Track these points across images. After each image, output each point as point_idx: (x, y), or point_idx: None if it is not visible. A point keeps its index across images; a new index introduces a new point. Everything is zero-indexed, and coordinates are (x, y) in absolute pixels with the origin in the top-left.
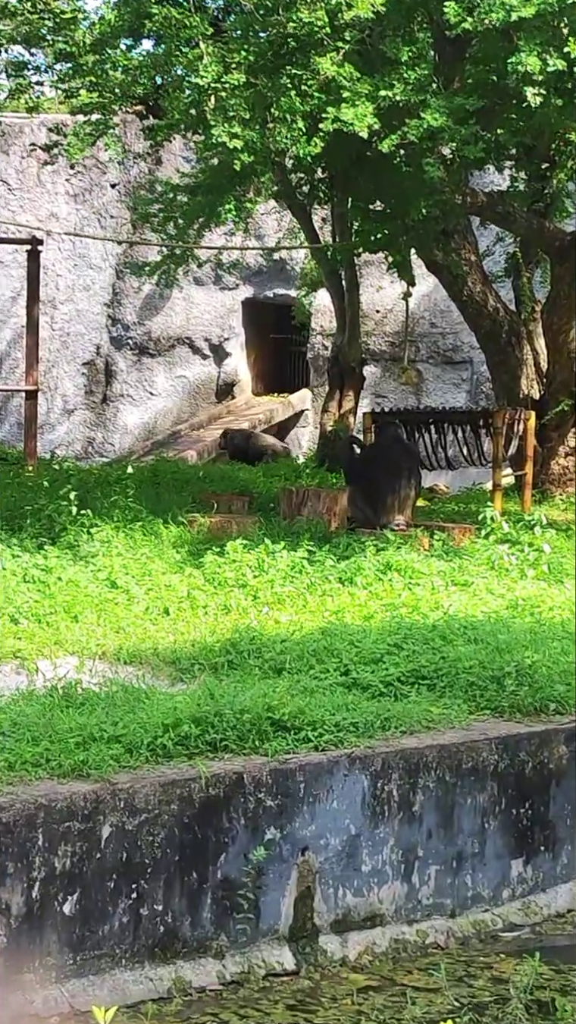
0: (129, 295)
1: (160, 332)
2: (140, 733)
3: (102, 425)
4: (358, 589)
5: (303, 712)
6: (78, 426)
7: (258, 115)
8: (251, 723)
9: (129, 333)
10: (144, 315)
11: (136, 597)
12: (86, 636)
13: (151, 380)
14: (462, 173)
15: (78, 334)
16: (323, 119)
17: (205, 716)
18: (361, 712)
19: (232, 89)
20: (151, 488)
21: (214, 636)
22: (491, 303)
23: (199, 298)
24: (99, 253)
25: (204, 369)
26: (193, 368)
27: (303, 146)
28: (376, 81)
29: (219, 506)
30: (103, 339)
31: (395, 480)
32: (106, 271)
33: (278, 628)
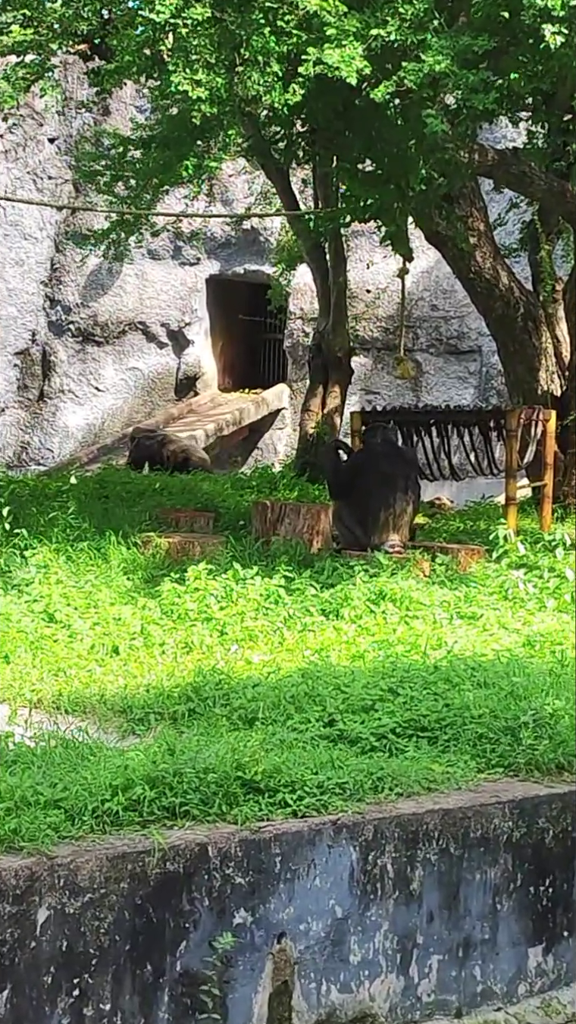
0: (71, 271)
1: (108, 316)
2: (84, 797)
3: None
4: (345, 623)
5: (279, 771)
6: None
7: (225, 57)
8: (217, 784)
9: (71, 317)
10: (89, 295)
11: (79, 633)
12: (18, 680)
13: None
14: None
15: (9, 318)
16: (303, 62)
17: (162, 776)
18: (349, 771)
19: (194, 26)
20: (97, 502)
21: (173, 680)
22: (504, 281)
23: (155, 275)
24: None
25: (161, 360)
26: (148, 359)
27: (279, 94)
28: (366, 17)
29: (179, 524)
30: (39, 324)
31: (389, 493)
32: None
33: (249, 670)
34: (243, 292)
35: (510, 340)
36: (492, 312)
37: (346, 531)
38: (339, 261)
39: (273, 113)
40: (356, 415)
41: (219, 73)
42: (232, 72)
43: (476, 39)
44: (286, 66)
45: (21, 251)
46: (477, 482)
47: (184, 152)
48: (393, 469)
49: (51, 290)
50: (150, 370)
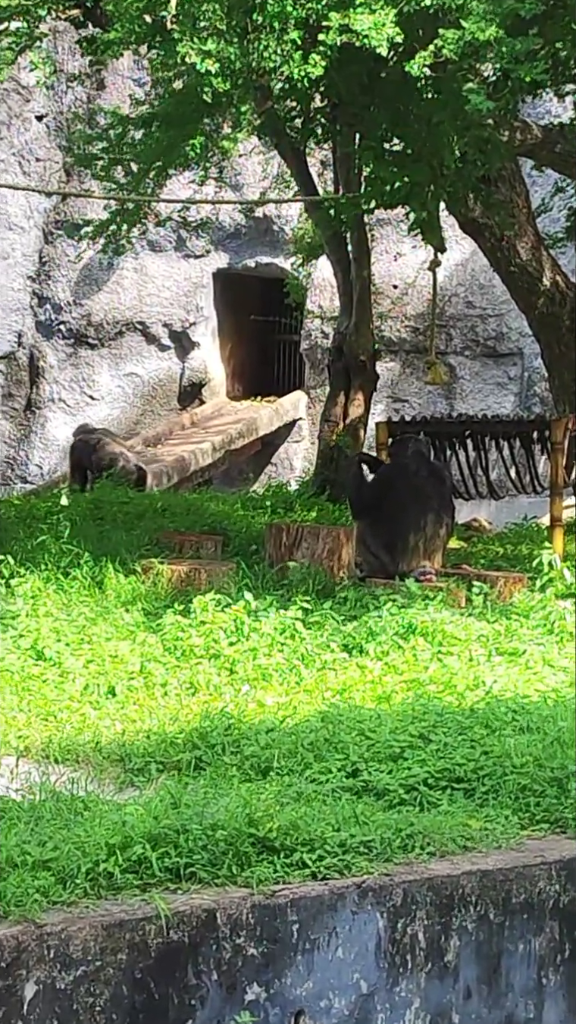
0: (62, 265)
1: (104, 315)
2: (77, 857)
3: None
4: (370, 660)
5: (297, 827)
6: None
7: (236, 23)
8: (227, 842)
9: (62, 316)
10: (82, 292)
11: (71, 672)
12: (3, 726)
13: (91, 379)
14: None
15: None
16: (324, 29)
17: (165, 833)
18: (375, 827)
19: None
20: (92, 525)
21: (176, 724)
22: (548, 275)
23: (156, 269)
24: (21, 208)
25: (163, 364)
26: (148, 363)
27: (297, 65)
28: None
29: (183, 549)
30: (26, 324)
31: (419, 514)
32: (30, 233)
33: (262, 713)
34: (255, 288)
35: (555, 341)
36: (535, 309)
37: (371, 557)
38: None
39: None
40: (382, 426)
41: (230, 42)
42: (244, 40)
43: (523, 3)
44: (305, 34)
45: (6, 243)
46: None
47: (190, 131)
48: (424, 487)
49: (39, 286)
50: (150, 376)
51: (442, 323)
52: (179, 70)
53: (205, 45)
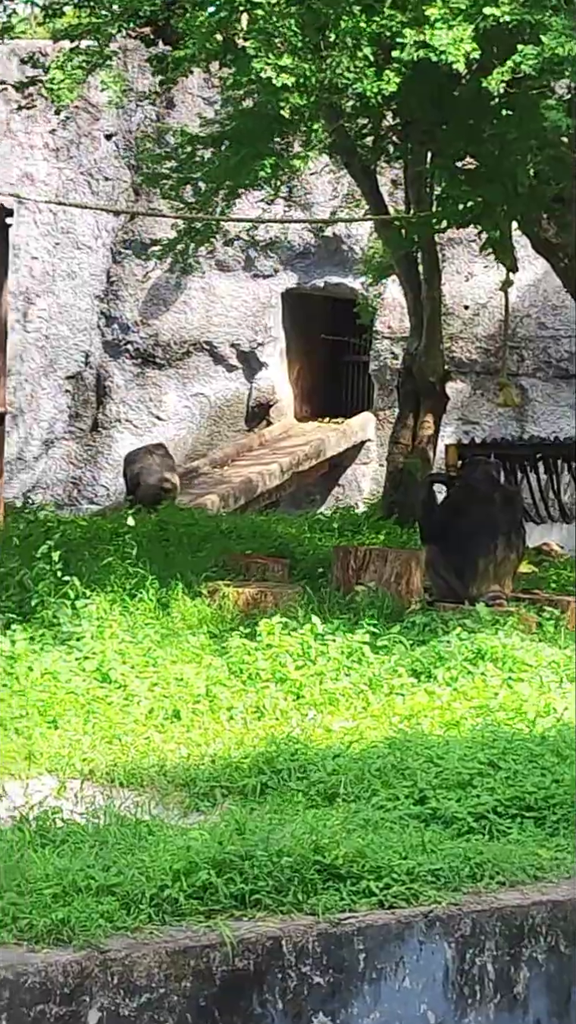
0: (129, 285)
1: (171, 335)
2: (141, 882)
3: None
4: (439, 685)
5: (363, 855)
6: (59, 462)
7: (310, 40)
8: (292, 869)
9: (129, 336)
10: (149, 312)
11: (136, 695)
12: (68, 748)
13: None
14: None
15: (60, 337)
16: (398, 45)
17: (230, 859)
18: (443, 855)
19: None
20: (158, 547)
21: (242, 749)
22: None
23: (224, 288)
24: (89, 228)
25: (230, 385)
26: (215, 383)
27: (371, 81)
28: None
29: (250, 571)
30: (94, 344)
31: (490, 537)
32: (98, 252)
33: (329, 739)
34: (323, 308)
35: None
36: None
37: (440, 580)
38: (433, 273)
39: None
40: (452, 448)
41: (305, 58)
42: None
43: None
44: (377, 50)
45: (73, 262)
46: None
47: (260, 150)
48: (494, 510)
49: (107, 306)
50: (217, 396)
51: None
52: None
53: (280, 60)
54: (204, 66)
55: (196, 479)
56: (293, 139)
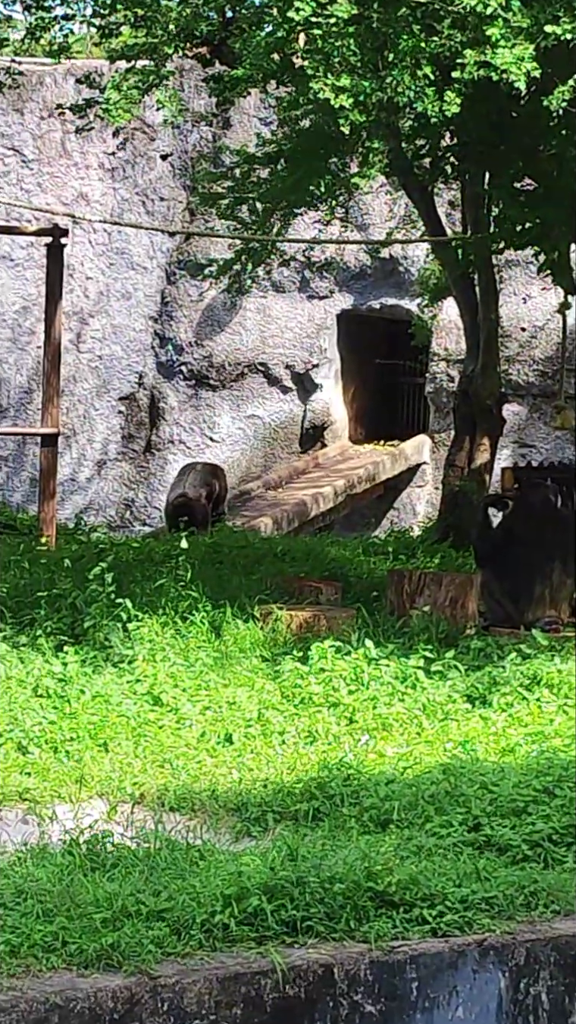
0: (183, 306)
1: (225, 356)
2: (191, 908)
3: (144, 482)
4: (494, 712)
5: (416, 882)
6: (112, 483)
7: (368, 59)
8: (345, 896)
9: (183, 357)
10: (203, 333)
11: (188, 718)
12: (119, 771)
13: (212, 421)
14: None
15: (113, 358)
16: (457, 65)
17: (282, 885)
18: (497, 883)
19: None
20: (211, 569)
21: (294, 774)
22: None
23: (279, 310)
24: (144, 248)
25: (284, 407)
26: (270, 405)
27: (431, 101)
28: (536, 13)
29: (303, 594)
30: (147, 365)
31: (546, 562)
32: (153, 273)
33: (382, 764)
34: (379, 330)
35: None
36: None
37: (496, 605)
38: (490, 294)
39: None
40: (508, 471)
41: (363, 76)
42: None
43: None
44: (435, 70)
45: (128, 282)
46: None
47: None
48: (551, 535)
49: (161, 327)
50: (272, 418)
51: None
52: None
53: (338, 81)
54: (261, 86)
55: (249, 501)
56: (350, 159)
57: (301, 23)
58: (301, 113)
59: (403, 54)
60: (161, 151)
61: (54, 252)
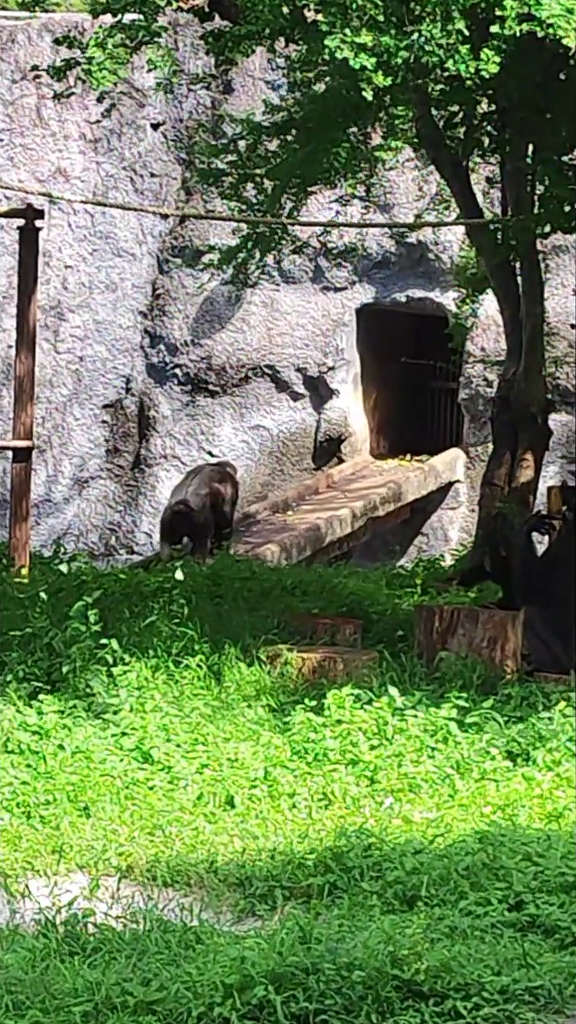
0: (178, 299)
1: (226, 357)
2: (187, 999)
3: (132, 503)
4: (539, 770)
5: (449, 969)
6: (95, 505)
7: (393, 12)
8: (365, 985)
9: (177, 359)
10: (202, 331)
11: (183, 778)
12: (102, 840)
13: (211, 432)
14: None
15: (96, 359)
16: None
17: (292, 973)
18: (543, 970)
19: None
20: (210, 604)
21: (306, 843)
22: None
23: (289, 304)
24: (132, 232)
25: (295, 416)
26: (278, 414)
27: (466, 60)
28: None
29: (316, 634)
30: (136, 368)
31: None
32: (142, 261)
33: (409, 831)
34: (406, 327)
35: None
36: None
37: (541, 646)
38: (535, 286)
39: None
40: (555, 491)
41: (387, 32)
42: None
43: None
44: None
45: (113, 272)
46: None
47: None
48: None
49: (152, 323)
50: (280, 429)
51: None
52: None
53: (359, 38)
54: (268, 44)
55: (254, 526)
56: (373, 129)
57: None
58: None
59: (433, 5)
60: (152, 119)
61: (28, 237)
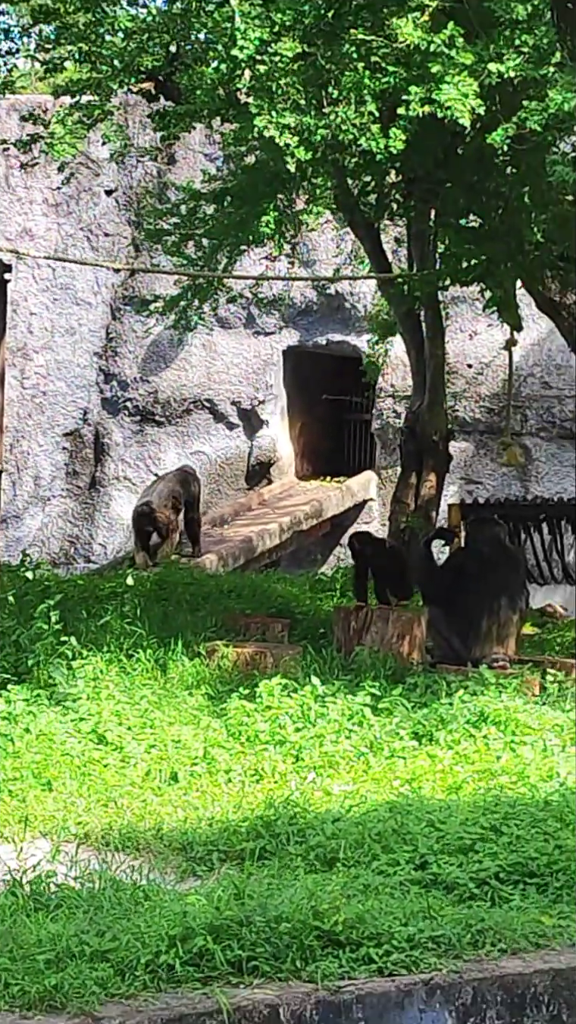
0: (128, 341)
1: (170, 392)
2: (136, 948)
3: (88, 518)
4: (441, 749)
5: (363, 921)
6: (55, 519)
7: (313, 96)
8: (291, 935)
9: (128, 393)
10: (148, 369)
11: (133, 757)
12: (62, 811)
13: (157, 457)
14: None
15: (57, 394)
16: (403, 102)
17: (227, 925)
18: (444, 922)
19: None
20: (157, 606)
21: (240, 812)
22: None
23: (225, 345)
24: (88, 284)
25: (230, 443)
26: (216, 441)
27: (376, 138)
28: (480, 50)
29: (249, 632)
30: (92, 401)
31: (493, 598)
32: (98, 308)
33: (329, 802)
34: (326, 366)
35: None
36: None
37: (443, 642)
38: (437, 331)
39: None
40: (454, 508)
41: (308, 114)
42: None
43: None
44: (380, 106)
45: (73, 318)
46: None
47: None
48: (498, 571)
49: (106, 363)
50: (218, 454)
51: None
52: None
53: (283, 118)
54: (206, 122)
55: None
56: (296, 195)
57: (245, 60)
58: (246, 149)
59: (347, 91)
60: (106, 187)
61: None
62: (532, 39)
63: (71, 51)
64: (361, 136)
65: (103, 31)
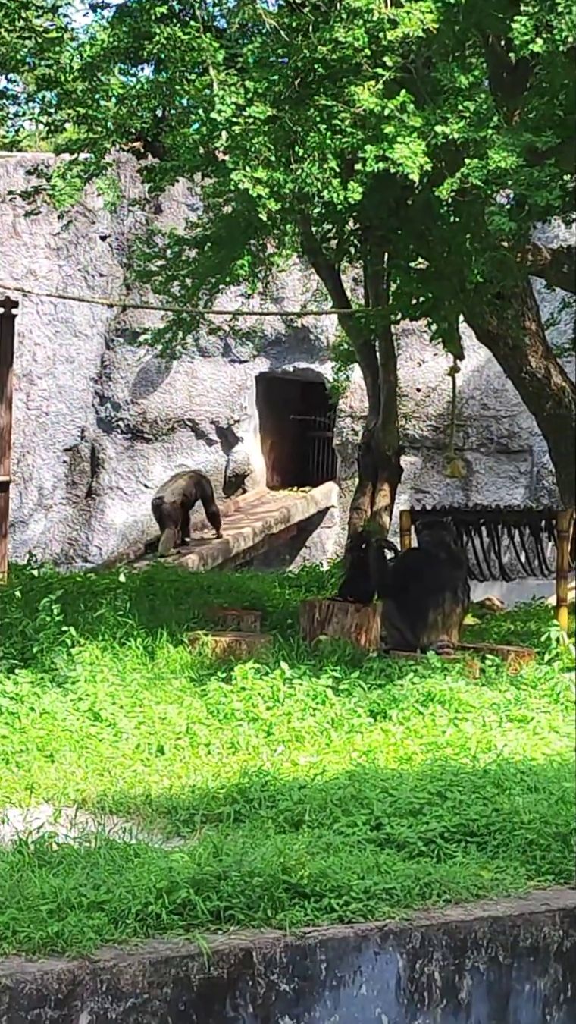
0: (120, 368)
1: (157, 413)
2: (127, 899)
3: (85, 523)
4: (393, 724)
5: (325, 875)
6: (57, 524)
7: (282, 154)
8: (262, 888)
9: (120, 414)
10: (138, 392)
11: (124, 732)
12: (63, 779)
13: (146, 470)
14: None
15: (59, 414)
16: (359, 159)
17: (207, 879)
18: (396, 876)
19: (252, 125)
20: (145, 600)
21: (218, 780)
22: (555, 381)
23: (205, 372)
24: (85, 318)
25: (210, 457)
26: (197, 456)
27: (337, 191)
28: (427, 114)
29: (226, 622)
30: (89, 420)
31: (438, 593)
32: (94, 340)
33: (296, 771)
34: (293, 390)
35: (561, 440)
36: (543, 412)
37: (395, 631)
38: (389, 359)
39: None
40: (405, 514)
41: (277, 169)
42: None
43: (539, 136)
44: (341, 163)
45: (72, 348)
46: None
47: (239, 250)
48: (443, 569)
49: (101, 387)
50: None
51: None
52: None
53: (256, 173)
54: (188, 176)
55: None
56: (268, 241)
57: (223, 122)
58: (224, 200)
59: (312, 149)
60: (101, 233)
61: (6, 321)
62: (473, 105)
63: (70, 114)
64: (324, 189)
65: (98, 97)
